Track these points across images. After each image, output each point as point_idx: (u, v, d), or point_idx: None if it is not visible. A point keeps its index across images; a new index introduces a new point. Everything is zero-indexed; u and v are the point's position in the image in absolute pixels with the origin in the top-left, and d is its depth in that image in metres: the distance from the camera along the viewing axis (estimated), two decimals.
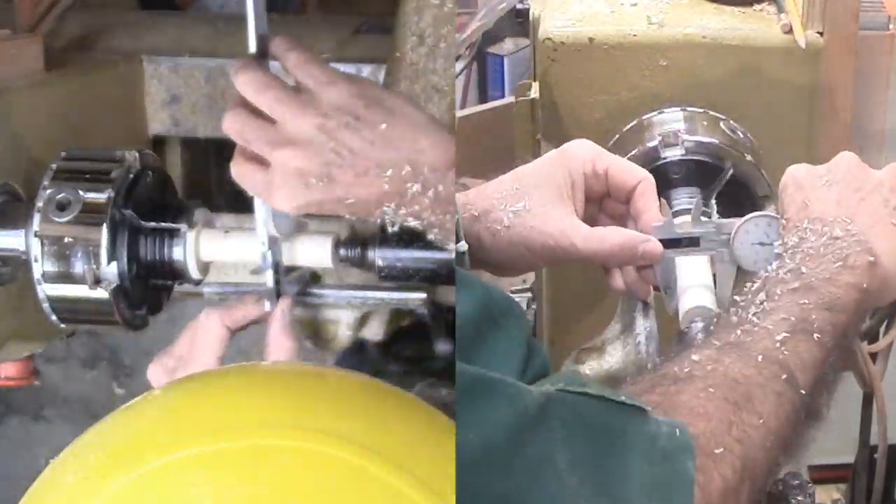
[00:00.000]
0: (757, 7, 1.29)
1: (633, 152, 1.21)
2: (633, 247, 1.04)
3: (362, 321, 1.36)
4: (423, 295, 1.25)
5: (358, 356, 1.65)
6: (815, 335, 0.90)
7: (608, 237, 1.04)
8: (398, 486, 0.74)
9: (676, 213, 1.18)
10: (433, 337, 1.28)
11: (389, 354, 1.78)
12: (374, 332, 1.44)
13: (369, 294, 1.27)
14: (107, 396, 2.83)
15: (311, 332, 1.31)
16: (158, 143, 1.62)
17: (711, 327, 0.96)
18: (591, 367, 1.11)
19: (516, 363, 0.92)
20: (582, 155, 1.06)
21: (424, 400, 0.93)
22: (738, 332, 0.91)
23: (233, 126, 1.09)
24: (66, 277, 1.18)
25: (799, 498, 0.86)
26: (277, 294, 1.20)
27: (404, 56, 1.38)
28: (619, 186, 1.06)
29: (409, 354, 1.84)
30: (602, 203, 1.08)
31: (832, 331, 0.93)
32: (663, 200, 1.15)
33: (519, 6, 1.55)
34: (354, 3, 2.03)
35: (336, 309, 1.29)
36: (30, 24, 1.43)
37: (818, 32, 1.23)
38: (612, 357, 1.11)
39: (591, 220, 1.06)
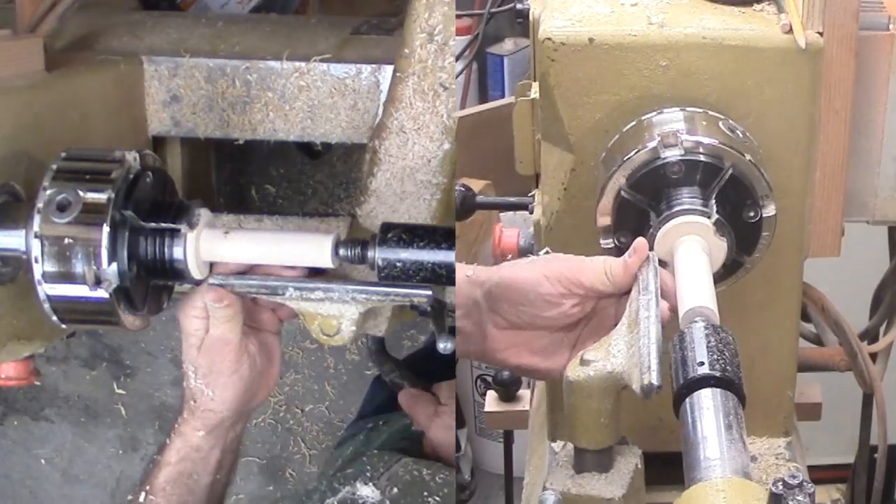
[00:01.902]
0: (757, 7, 1.29)
1: (633, 152, 1.21)
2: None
3: (366, 317, 1.36)
4: (429, 292, 1.25)
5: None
6: None
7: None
8: None
9: (677, 214, 1.19)
10: (436, 334, 1.28)
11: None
12: (378, 327, 1.45)
13: (373, 289, 1.27)
14: (107, 396, 2.83)
15: (315, 326, 1.31)
16: (158, 143, 1.62)
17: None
18: (595, 369, 1.11)
19: None
20: None
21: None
22: None
23: None
24: (67, 277, 1.18)
25: (799, 498, 0.86)
26: None
27: (413, 53, 1.38)
28: None
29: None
30: None
31: None
32: None
33: (519, 6, 1.54)
34: (354, 3, 2.04)
35: (340, 304, 1.29)
36: (30, 24, 1.43)
37: (818, 32, 1.23)
38: (617, 358, 1.11)
39: None
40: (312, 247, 1.24)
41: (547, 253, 1.25)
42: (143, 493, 1.34)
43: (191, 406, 1.34)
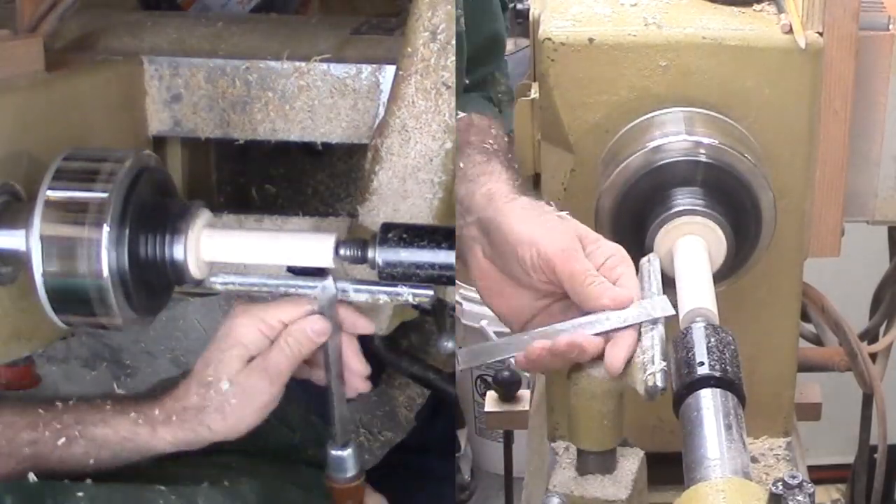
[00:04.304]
0: (757, 7, 1.29)
1: (633, 153, 1.21)
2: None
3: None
4: (430, 291, 1.25)
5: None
6: None
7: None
8: None
9: (677, 214, 1.19)
10: (437, 333, 1.28)
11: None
12: (379, 326, 1.45)
13: (375, 288, 1.27)
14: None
15: None
16: (159, 143, 1.62)
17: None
18: (598, 371, 1.11)
19: None
20: None
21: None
22: None
23: None
24: (67, 277, 1.18)
25: (799, 498, 0.86)
26: None
27: (416, 52, 1.38)
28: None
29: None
30: None
31: None
32: None
33: (519, 6, 1.55)
34: (354, 3, 2.04)
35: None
36: (30, 24, 1.43)
37: (818, 32, 1.23)
38: None
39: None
40: (312, 247, 1.24)
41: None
42: None
43: (188, 409, 1.26)
